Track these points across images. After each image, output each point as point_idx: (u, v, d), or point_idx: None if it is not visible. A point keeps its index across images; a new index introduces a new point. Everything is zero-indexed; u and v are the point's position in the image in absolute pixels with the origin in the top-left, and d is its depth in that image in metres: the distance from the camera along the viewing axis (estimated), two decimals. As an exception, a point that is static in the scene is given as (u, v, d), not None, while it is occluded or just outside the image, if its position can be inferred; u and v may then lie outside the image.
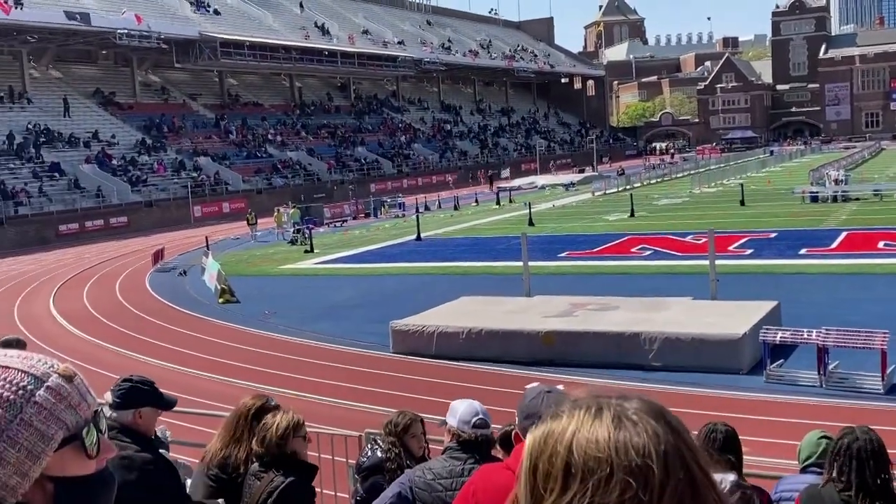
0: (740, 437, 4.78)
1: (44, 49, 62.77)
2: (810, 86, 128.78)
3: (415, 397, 12.72)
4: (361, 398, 13.33)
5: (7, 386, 1.30)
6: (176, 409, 4.83)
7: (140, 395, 4.16)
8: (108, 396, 4.19)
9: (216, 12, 75.22)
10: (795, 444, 5.13)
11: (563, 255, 27.76)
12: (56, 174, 51.64)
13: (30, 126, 55.22)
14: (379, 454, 4.97)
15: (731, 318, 14.51)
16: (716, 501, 1.09)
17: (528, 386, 3.29)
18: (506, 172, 77.61)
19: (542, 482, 1.09)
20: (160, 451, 4.37)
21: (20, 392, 1.30)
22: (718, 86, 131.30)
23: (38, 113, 57.59)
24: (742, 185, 44.54)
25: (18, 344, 5.99)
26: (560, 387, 3.37)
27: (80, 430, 1.35)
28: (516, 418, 3.09)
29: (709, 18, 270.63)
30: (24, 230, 46.05)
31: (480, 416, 4.11)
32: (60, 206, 48.87)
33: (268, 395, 5.09)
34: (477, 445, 4.02)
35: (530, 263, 19.67)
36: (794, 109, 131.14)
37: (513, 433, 3.19)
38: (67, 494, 1.34)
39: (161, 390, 4.31)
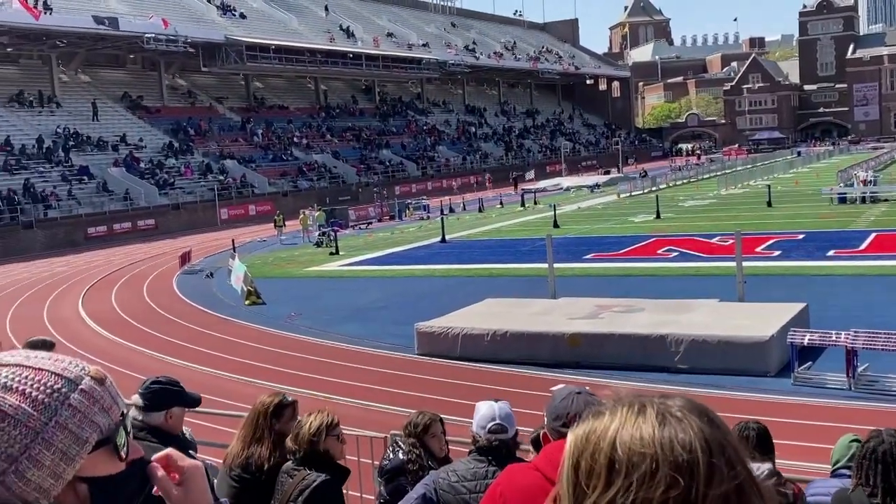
0: (768, 439, 4.74)
1: (73, 54, 63.49)
2: (838, 86, 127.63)
3: (440, 399, 12.73)
4: (387, 400, 13.35)
5: (42, 389, 1.32)
6: (202, 409, 4.87)
7: (170, 396, 4.20)
8: (136, 398, 4.23)
9: (242, 16, 75.75)
10: (824, 447, 5.09)
11: (588, 256, 27.67)
12: (85, 177, 52.19)
13: (59, 130, 55.85)
14: (401, 456, 4.97)
15: (759, 320, 14.39)
16: (759, 498, 1.09)
17: (555, 387, 3.28)
18: (530, 174, 77.44)
19: (584, 479, 1.09)
20: (188, 451, 4.41)
21: (55, 395, 1.32)
22: (745, 86, 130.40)
23: (67, 117, 58.24)
24: (769, 186, 44.18)
25: (46, 345, 6.05)
26: (587, 388, 3.36)
27: (113, 433, 1.37)
28: (545, 419, 3.08)
29: (735, 19, 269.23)
30: (54, 233, 46.56)
31: (497, 421, 4.06)
32: (89, 209, 49.38)
33: (283, 393, 5.13)
34: (493, 450, 3.99)
35: (555, 265, 19.62)
36: (821, 110, 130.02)
37: (541, 434, 3.18)
38: (101, 494, 1.36)
39: (186, 389, 4.35)
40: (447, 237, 35.58)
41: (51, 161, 52.46)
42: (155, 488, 1.47)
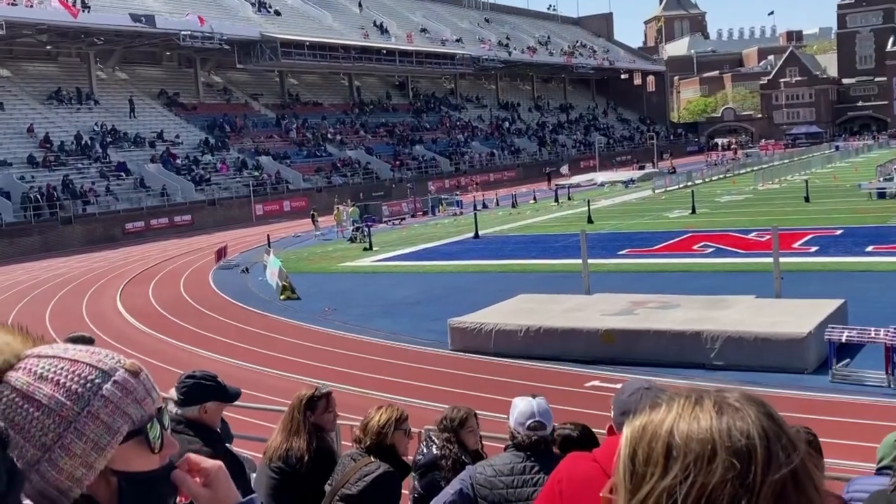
0: (805, 437, 4.68)
1: (110, 51, 64.24)
2: (877, 79, 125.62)
3: (473, 395, 12.73)
4: (420, 395, 13.38)
5: (76, 379, 1.34)
6: (238, 403, 4.91)
7: (204, 390, 4.24)
8: (173, 392, 4.28)
9: (277, 13, 76.18)
10: (862, 445, 5.03)
11: (622, 252, 27.51)
12: (122, 173, 52.81)
13: (97, 127, 56.56)
14: (434, 451, 4.98)
15: (796, 317, 14.23)
16: (816, 490, 1.10)
17: (625, 383, 3.28)
18: (564, 169, 77.17)
19: (641, 467, 1.10)
20: (224, 444, 4.45)
21: (88, 385, 1.34)
22: (782, 80, 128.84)
23: (104, 114, 58.96)
24: (807, 181, 43.65)
25: (86, 341, 6.13)
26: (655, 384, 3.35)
27: (145, 424, 1.39)
28: (612, 412, 3.08)
29: (772, 12, 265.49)
30: (92, 228, 47.19)
31: (536, 418, 4.06)
32: (126, 205, 49.98)
33: (318, 386, 5.18)
34: (531, 446, 4.00)
35: (589, 261, 19.54)
36: (860, 104, 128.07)
37: (607, 427, 3.20)
38: (131, 488, 1.37)
39: (224, 383, 4.39)
40: (480, 233, 35.56)
41: (89, 157, 53.15)
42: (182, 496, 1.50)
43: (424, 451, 5.10)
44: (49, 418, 1.30)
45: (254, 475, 5.39)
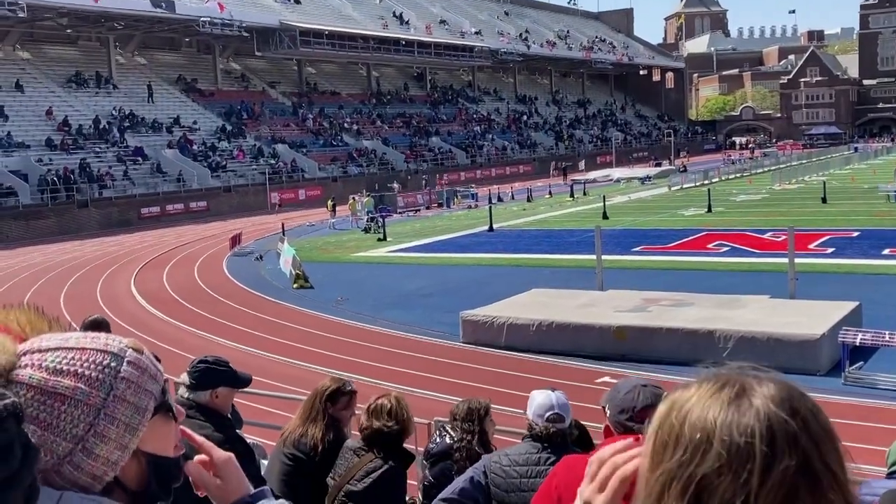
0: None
1: (130, 36, 64.44)
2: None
3: (483, 387, 12.72)
4: (430, 386, 13.40)
5: (92, 366, 1.35)
6: (249, 390, 4.93)
7: (216, 375, 4.25)
8: (185, 377, 4.29)
9: (296, 1, 76.22)
10: (874, 449, 4.99)
11: (637, 249, 27.43)
12: (139, 158, 53.02)
13: (115, 111, 56.79)
14: (448, 441, 5.00)
15: (810, 318, 14.16)
16: (841, 495, 1.05)
17: (618, 382, 3.24)
18: (581, 165, 76.96)
19: (660, 449, 1.10)
20: (234, 429, 4.47)
21: (106, 370, 1.35)
22: (802, 80, 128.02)
23: (122, 98, 59.19)
24: (824, 182, 43.39)
25: (103, 325, 6.16)
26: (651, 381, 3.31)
27: (164, 397, 1.42)
28: (607, 411, 3.03)
29: (792, 11, 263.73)
30: (108, 212, 47.42)
31: (555, 410, 4.07)
32: (143, 190, 50.19)
33: (345, 380, 5.19)
34: (549, 438, 4.01)
35: (604, 257, 19.49)
36: (880, 105, 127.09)
37: (604, 427, 3.16)
38: (158, 462, 1.40)
39: (236, 369, 4.40)
40: (495, 226, 35.53)
41: (106, 141, 53.37)
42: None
43: (438, 440, 5.12)
44: (77, 409, 1.31)
45: (264, 462, 5.41)
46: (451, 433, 5.00)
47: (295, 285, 24.05)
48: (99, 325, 5.89)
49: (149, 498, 1.39)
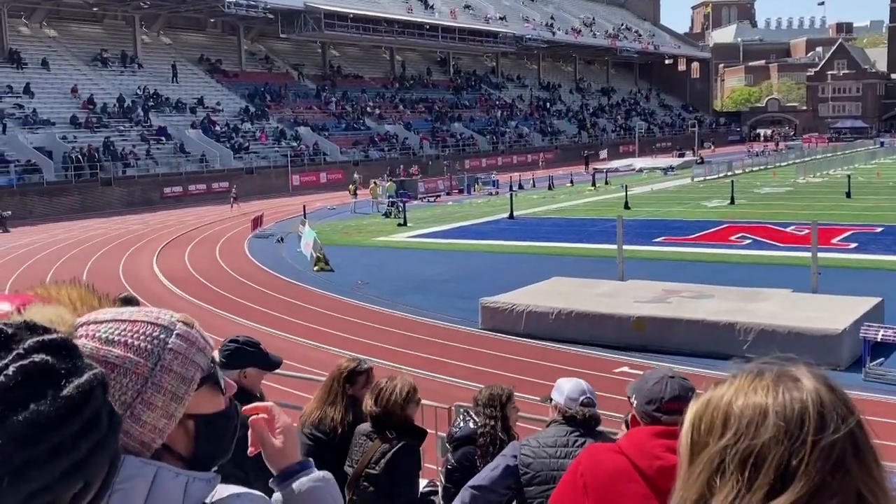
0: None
1: (155, 15, 64.66)
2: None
3: (502, 374, 12.76)
4: (449, 372, 13.45)
5: (141, 338, 1.41)
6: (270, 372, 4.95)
7: (246, 355, 4.30)
8: (216, 354, 4.33)
9: (322, -17, 76.10)
10: (895, 445, 4.98)
11: (658, 239, 27.33)
12: (163, 138, 53.29)
13: (139, 90, 57.05)
14: (471, 426, 5.03)
15: (831, 313, 14.08)
16: (877, 465, 1.14)
17: (646, 373, 3.24)
18: (603, 153, 76.61)
19: (702, 437, 1.16)
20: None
21: (155, 342, 1.41)
22: (829, 72, 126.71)
23: (147, 77, 59.44)
24: (849, 176, 43.01)
25: (134, 302, 6.23)
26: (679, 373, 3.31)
27: (212, 370, 1.48)
28: (634, 401, 3.04)
29: (821, 3, 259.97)
30: (131, 191, 47.72)
31: (588, 394, 4.17)
32: (166, 169, 50.46)
33: (361, 359, 5.24)
34: (583, 423, 4.05)
35: (625, 247, 19.45)
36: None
37: (629, 416, 3.16)
38: (205, 429, 1.46)
39: (266, 351, 4.44)
40: (515, 214, 35.50)
41: (130, 120, 53.65)
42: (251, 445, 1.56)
43: (461, 424, 5.15)
44: (126, 377, 1.37)
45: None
46: (475, 418, 5.04)
47: (315, 268, 24.15)
48: (129, 303, 5.95)
49: (204, 461, 1.45)
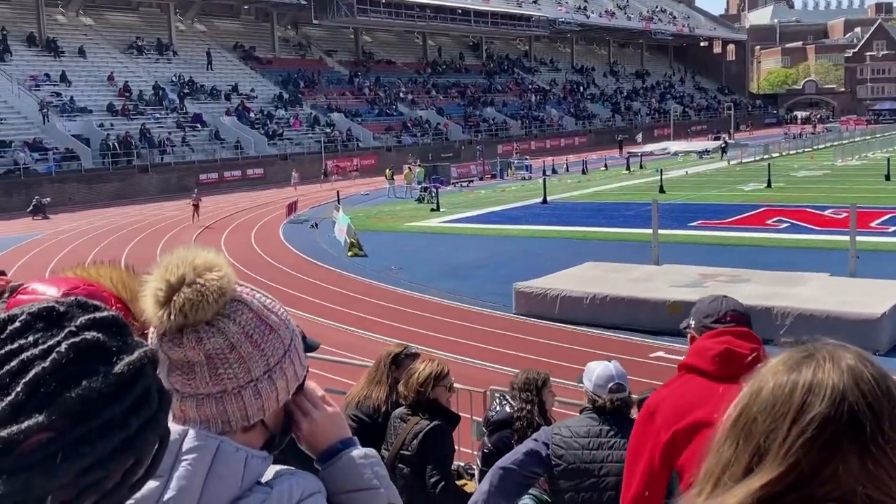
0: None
1: (189, 3, 65.07)
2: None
3: (537, 359, 12.74)
4: (484, 356, 13.47)
5: (286, 315, 1.52)
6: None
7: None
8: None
9: (354, -31, 76.11)
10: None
11: (694, 224, 27.11)
12: (198, 125, 53.70)
13: (174, 77, 57.48)
14: (507, 409, 5.05)
15: (870, 297, 13.90)
16: None
17: (705, 296, 3.46)
18: (639, 137, 75.97)
19: (746, 416, 1.16)
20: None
21: (292, 324, 1.53)
22: (868, 53, 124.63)
23: (182, 65, 59.87)
24: (888, 158, 42.30)
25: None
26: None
27: (305, 375, 1.58)
28: (691, 322, 3.29)
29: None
30: (167, 177, 48.17)
31: (616, 380, 4.09)
32: (201, 156, 50.87)
33: (408, 345, 5.34)
34: (613, 412, 4.02)
35: (660, 231, 19.32)
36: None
37: (689, 334, 3.30)
38: (285, 416, 1.54)
39: (304, 333, 4.48)
40: (548, 198, 35.37)
41: (166, 108, 54.10)
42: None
43: (497, 408, 5.17)
44: (278, 342, 1.45)
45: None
46: (511, 402, 5.05)
47: (349, 253, 24.26)
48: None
49: (273, 446, 1.50)
